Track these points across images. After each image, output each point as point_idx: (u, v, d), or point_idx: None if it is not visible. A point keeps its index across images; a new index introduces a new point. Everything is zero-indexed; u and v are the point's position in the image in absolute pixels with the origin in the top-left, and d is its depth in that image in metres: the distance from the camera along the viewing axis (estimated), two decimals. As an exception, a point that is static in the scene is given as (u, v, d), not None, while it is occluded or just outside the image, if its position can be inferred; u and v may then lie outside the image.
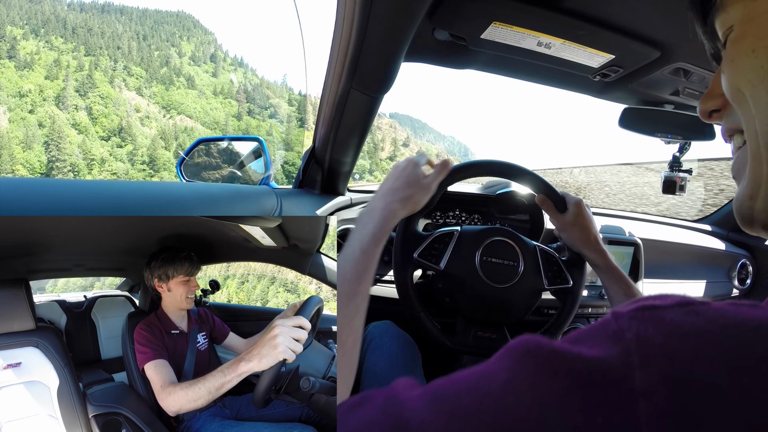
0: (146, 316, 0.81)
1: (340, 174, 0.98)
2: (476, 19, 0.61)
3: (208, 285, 1.18)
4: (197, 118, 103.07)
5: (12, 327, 0.68)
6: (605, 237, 1.07)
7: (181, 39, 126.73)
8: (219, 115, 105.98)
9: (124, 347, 0.79)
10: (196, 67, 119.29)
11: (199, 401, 0.64)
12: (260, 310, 1.26)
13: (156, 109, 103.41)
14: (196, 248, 0.90)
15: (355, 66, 0.61)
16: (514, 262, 0.70)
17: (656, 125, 0.91)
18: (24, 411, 0.64)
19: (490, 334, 0.70)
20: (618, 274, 0.64)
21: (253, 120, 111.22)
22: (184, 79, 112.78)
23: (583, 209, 0.69)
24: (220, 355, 0.94)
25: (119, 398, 0.72)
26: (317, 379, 0.68)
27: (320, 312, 0.79)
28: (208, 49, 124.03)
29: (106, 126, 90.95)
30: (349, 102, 0.71)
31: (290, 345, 0.62)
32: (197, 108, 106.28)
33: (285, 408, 0.77)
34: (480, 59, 0.77)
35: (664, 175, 1.12)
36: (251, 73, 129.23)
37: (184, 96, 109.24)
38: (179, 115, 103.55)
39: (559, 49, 0.68)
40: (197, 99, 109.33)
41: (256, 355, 0.62)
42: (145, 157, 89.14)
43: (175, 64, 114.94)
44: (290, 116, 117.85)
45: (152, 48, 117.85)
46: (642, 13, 0.59)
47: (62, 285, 1.29)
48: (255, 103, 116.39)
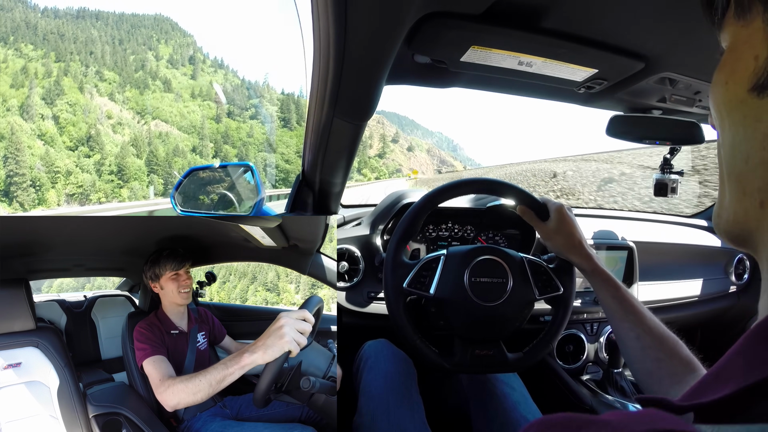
0: (146, 315, 0.81)
1: (331, 194, 0.99)
2: (454, 45, 0.60)
3: (204, 277, 1.17)
4: (173, 123, 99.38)
5: (12, 327, 0.68)
6: (598, 242, 1.07)
7: (159, 42, 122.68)
8: (196, 118, 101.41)
9: (124, 347, 0.79)
10: (174, 70, 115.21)
11: (198, 394, 0.63)
12: (260, 310, 1.26)
13: (130, 114, 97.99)
14: (196, 248, 0.90)
15: (335, 96, 0.61)
16: (503, 278, 0.70)
17: (644, 132, 0.91)
18: (24, 411, 0.64)
19: (487, 351, 0.70)
20: (605, 277, 0.63)
21: (233, 122, 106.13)
22: (160, 82, 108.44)
23: (565, 214, 0.69)
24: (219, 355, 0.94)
25: (119, 398, 0.72)
26: (317, 379, 0.68)
27: (320, 312, 0.79)
28: (186, 52, 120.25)
29: (73, 135, 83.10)
30: (333, 130, 0.71)
31: (296, 336, 0.62)
32: (173, 112, 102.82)
33: (285, 408, 0.78)
34: (463, 78, 0.77)
35: (655, 178, 1.13)
36: (232, 74, 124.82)
37: (160, 100, 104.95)
38: (154, 120, 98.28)
39: (541, 67, 0.67)
40: (173, 102, 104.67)
41: (261, 346, 0.62)
42: (114, 167, 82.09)
43: (151, 67, 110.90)
44: (272, 116, 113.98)
45: (128, 52, 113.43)
46: (623, 28, 0.58)
47: (56, 286, 1.28)
48: (235, 104, 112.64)
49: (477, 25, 0.56)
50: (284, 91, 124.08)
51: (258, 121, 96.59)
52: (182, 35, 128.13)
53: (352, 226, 1.09)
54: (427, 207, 0.73)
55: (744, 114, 0.25)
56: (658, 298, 1.14)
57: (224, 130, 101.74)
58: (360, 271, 1.00)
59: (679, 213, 1.51)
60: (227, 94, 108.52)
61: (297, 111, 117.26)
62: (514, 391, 0.81)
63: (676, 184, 1.10)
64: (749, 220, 0.26)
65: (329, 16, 0.45)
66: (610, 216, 1.39)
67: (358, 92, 0.62)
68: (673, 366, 0.53)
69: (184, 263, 0.81)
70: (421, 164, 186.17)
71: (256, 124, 67.59)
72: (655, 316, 0.60)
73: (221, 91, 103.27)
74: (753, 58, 0.24)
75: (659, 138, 0.92)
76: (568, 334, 1.10)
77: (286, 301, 4.48)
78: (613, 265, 1.09)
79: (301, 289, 3.80)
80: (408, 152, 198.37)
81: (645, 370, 0.56)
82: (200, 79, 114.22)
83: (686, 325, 1.25)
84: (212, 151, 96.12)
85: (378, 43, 0.51)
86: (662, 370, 0.54)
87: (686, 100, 0.83)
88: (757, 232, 0.25)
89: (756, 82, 0.24)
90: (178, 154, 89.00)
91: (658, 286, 1.15)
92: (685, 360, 0.53)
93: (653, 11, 0.53)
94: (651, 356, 0.55)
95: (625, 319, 0.59)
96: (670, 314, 1.18)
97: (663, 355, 0.54)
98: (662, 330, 0.57)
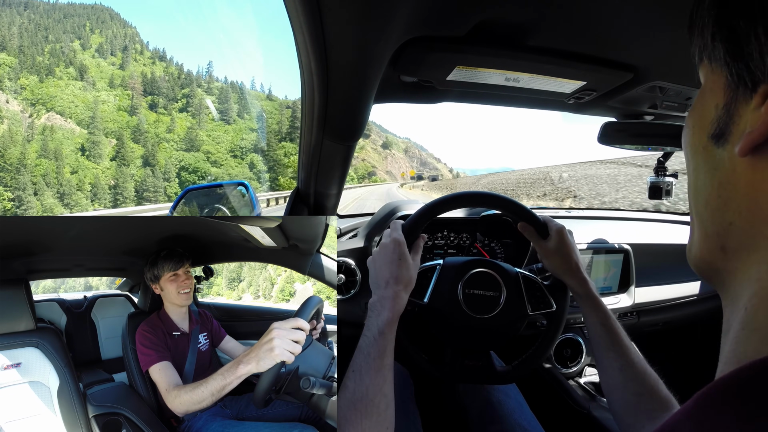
0: (146, 316, 0.81)
1: (326, 208, 1.01)
2: (439, 66, 0.60)
3: (201, 272, 1.17)
4: (72, 115, 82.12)
5: (12, 327, 0.68)
6: (593, 246, 1.07)
7: (92, 31, 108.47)
8: (106, 110, 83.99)
9: (125, 347, 0.79)
10: (100, 59, 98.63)
11: (203, 403, 0.65)
12: (260, 311, 1.26)
13: (19, 105, 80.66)
14: (196, 249, 0.90)
15: (323, 119, 0.62)
16: (497, 292, 0.70)
17: (636, 138, 0.91)
18: (24, 411, 0.64)
19: (476, 362, 0.70)
20: (597, 303, 0.63)
21: (152, 114, 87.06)
22: (74, 69, 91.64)
23: (565, 236, 0.69)
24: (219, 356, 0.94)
25: (119, 398, 0.72)
26: (317, 379, 0.68)
27: (320, 312, 0.79)
28: (122, 42, 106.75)
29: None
30: (323, 150, 0.73)
31: (287, 347, 0.62)
32: (77, 102, 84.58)
33: (285, 408, 0.78)
34: (451, 94, 0.78)
35: (650, 181, 1.13)
36: (175, 67, 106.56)
37: (63, 89, 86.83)
38: (48, 112, 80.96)
39: (528, 82, 0.67)
40: (80, 92, 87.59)
41: (253, 358, 0.62)
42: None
43: (68, 54, 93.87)
44: (206, 108, 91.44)
45: (50, 39, 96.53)
46: (610, 41, 0.58)
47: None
48: (161, 94, 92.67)
49: (461, 47, 0.56)
50: (227, 79, 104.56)
51: (189, 114, 77.29)
52: (121, 25, 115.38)
53: (348, 238, 1.10)
54: (423, 220, 0.71)
55: (704, 160, 0.25)
56: (657, 299, 1.14)
57: (136, 124, 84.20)
58: (357, 282, 1.00)
59: (676, 211, 1.51)
60: (155, 83, 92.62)
61: (240, 102, 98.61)
62: (509, 398, 0.81)
63: (670, 187, 1.11)
64: (715, 260, 0.26)
65: (309, 51, 0.46)
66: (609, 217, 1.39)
67: (345, 115, 0.63)
68: (652, 402, 0.53)
69: (182, 263, 0.81)
70: (401, 167, 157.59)
71: (186, 117, 51.28)
72: (654, 316, 0.60)
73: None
74: (714, 105, 0.24)
75: (652, 142, 0.93)
76: (565, 338, 1.10)
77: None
78: (609, 270, 1.09)
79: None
80: (383, 150, 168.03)
81: (623, 402, 0.56)
82: (130, 69, 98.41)
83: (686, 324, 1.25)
84: (112, 151, 76.49)
85: (362, 70, 0.52)
86: (641, 405, 0.54)
87: (678, 106, 0.83)
88: (724, 273, 0.25)
89: (714, 130, 0.24)
90: (52, 157, 69.84)
91: (655, 288, 1.15)
92: (664, 399, 0.53)
93: (640, 22, 0.52)
94: (631, 390, 0.55)
95: (610, 349, 0.59)
96: (669, 314, 1.18)
97: (644, 390, 0.54)
98: (645, 366, 0.57)
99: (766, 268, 0.21)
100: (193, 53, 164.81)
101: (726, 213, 0.24)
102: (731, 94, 0.23)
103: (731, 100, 0.23)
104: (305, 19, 0.41)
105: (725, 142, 0.23)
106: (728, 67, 0.23)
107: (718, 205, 0.24)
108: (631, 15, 0.51)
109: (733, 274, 0.24)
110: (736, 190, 0.23)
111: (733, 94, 0.23)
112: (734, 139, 0.23)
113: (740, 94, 0.22)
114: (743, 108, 0.22)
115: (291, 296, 1.43)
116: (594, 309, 0.63)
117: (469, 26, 0.52)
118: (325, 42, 0.44)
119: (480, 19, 0.51)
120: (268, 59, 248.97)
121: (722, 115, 0.23)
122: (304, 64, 0.52)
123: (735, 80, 0.22)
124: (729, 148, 0.23)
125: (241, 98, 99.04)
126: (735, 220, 0.23)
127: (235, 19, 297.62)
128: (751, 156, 0.21)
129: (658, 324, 1.20)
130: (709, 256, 0.26)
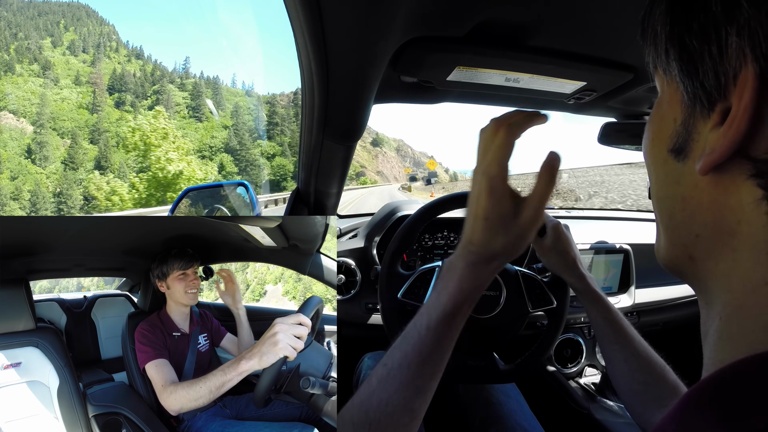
0: (146, 315, 0.81)
1: (327, 207, 1.01)
2: (439, 66, 0.60)
3: (201, 272, 1.17)
4: (27, 114, 72.63)
5: (12, 327, 0.68)
6: (594, 247, 1.07)
7: (66, 29, 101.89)
8: (65, 107, 76.60)
9: (124, 347, 0.79)
10: (70, 56, 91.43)
11: (200, 400, 0.64)
12: (260, 311, 1.26)
13: None
14: (197, 249, 0.90)
15: (323, 120, 0.62)
16: (497, 290, 0.70)
17: (636, 138, 0.90)
18: (24, 411, 0.64)
19: (479, 362, 0.70)
20: (597, 298, 0.63)
21: (115, 111, 78.29)
22: (38, 66, 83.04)
23: (561, 232, 0.68)
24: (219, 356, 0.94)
25: (119, 398, 0.72)
26: (317, 379, 0.68)
27: (320, 312, 0.79)
28: (96, 39, 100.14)
29: None
30: (324, 151, 0.73)
31: (291, 342, 0.62)
32: (33, 100, 75.88)
33: (285, 408, 0.78)
34: (451, 95, 0.78)
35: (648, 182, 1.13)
36: (153, 64, 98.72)
37: (20, 86, 78.00)
38: (1, 111, 69.75)
39: (528, 82, 0.67)
40: (39, 89, 78.57)
41: (257, 353, 0.62)
42: None
43: (34, 51, 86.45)
44: (178, 105, 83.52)
45: (19, 37, 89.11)
46: (610, 41, 0.58)
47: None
48: (128, 91, 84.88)
49: (461, 47, 0.56)
50: (203, 75, 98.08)
51: (159, 110, 75.99)
52: (98, 23, 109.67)
53: (348, 239, 1.10)
54: (423, 219, 0.72)
55: (666, 173, 0.25)
56: (657, 299, 1.14)
57: (94, 123, 75.80)
58: (357, 283, 1.00)
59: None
60: (124, 79, 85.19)
61: (213, 97, 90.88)
62: (509, 399, 0.81)
63: None
64: (684, 266, 0.26)
65: (309, 51, 0.46)
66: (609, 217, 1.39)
67: (345, 116, 0.63)
68: (659, 390, 0.53)
69: (191, 264, 0.81)
70: (393, 166, 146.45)
71: (158, 114, 45.30)
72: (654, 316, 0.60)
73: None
74: (672, 119, 0.24)
75: None
76: (565, 338, 1.10)
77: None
78: (609, 270, 1.09)
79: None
80: (373, 148, 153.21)
81: (632, 392, 0.56)
82: (100, 66, 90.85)
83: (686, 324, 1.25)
84: (63, 154, 66.61)
85: (362, 70, 0.52)
86: (649, 394, 0.54)
87: None
88: (694, 278, 0.25)
89: (673, 145, 0.24)
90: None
91: (655, 289, 1.15)
92: (672, 385, 0.53)
93: (639, 22, 0.53)
94: (638, 380, 0.55)
95: (614, 341, 0.59)
96: (669, 314, 1.18)
97: (651, 379, 0.54)
98: (651, 354, 0.57)
99: (736, 279, 0.21)
100: (176, 52, 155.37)
101: (692, 226, 0.24)
102: (688, 110, 0.23)
103: (689, 117, 0.23)
104: (305, 19, 0.41)
105: (685, 158, 0.23)
106: (683, 85, 0.22)
107: (684, 219, 0.24)
108: (631, 15, 0.51)
109: (704, 280, 0.24)
110: (700, 205, 0.23)
111: (691, 111, 0.22)
112: (694, 156, 0.22)
113: (698, 111, 0.22)
114: (701, 126, 0.22)
115: (261, 296, 1.41)
116: (594, 304, 0.63)
117: (470, 26, 0.52)
118: (325, 42, 0.44)
119: (480, 20, 0.51)
120: (259, 57, 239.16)
121: (681, 132, 0.23)
122: (304, 64, 0.52)
123: (691, 98, 0.22)
124: (690, 164, 0.23)
125: (215, 93, 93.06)
126: (701, 232, 0.23)
127: (235, 19, 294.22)
128: (713, 174, 0.21)
129: (658, 324, 1.20)
130: (677, 261, 0.26)
